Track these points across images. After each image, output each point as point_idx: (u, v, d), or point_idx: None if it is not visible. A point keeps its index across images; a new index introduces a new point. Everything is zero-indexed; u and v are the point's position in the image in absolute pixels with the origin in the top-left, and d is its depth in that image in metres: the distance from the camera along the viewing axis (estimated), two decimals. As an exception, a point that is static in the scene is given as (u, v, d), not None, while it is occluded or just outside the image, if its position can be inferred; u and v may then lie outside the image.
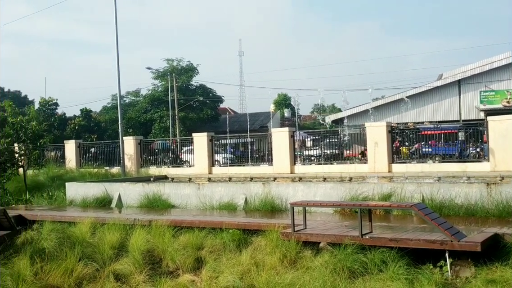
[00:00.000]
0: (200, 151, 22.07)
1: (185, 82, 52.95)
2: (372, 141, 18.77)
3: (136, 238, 10.48)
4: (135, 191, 15.33)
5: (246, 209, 13.20)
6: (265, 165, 21.29)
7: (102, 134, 47.29)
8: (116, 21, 23.94)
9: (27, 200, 18.08)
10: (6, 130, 19.95)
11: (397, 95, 36.66)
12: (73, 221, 12.56)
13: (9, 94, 58.15)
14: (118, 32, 23.99)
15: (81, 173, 22.56)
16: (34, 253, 9.56)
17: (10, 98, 49.24)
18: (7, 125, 20.15)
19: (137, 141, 24.46)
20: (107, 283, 8.24)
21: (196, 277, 8.74)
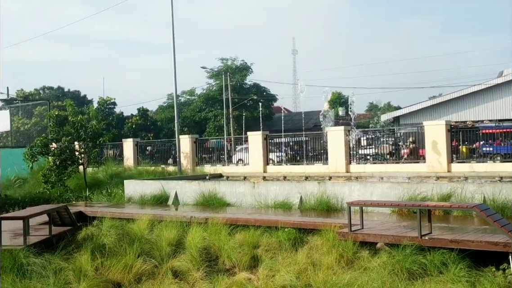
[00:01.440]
0: (255, 149, 22.12)
1: (239, 81, 53.24)
2: (431, 140, 18.36)
3: (193, 236, 10.59)
4: (191, 189, 15.51)
5: (301, 208, 13.15)
6: (319, 164, 21.14)
7: (158, 133, 48.07)
8: (173, 22, 24.26)
9: (87, 197, 18.54)
10: (66, 128, 20.47)
11: (456, 93, 35.71)
12: (132, 218, 12.83)
13: (69, 94, 59.94)
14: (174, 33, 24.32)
15: (138, 171, 22.99)
16: (94, 249, 9.79)
17: (70, 97, 50.84)
18: (68, 124, 20.68)
19: (193, 140, 24.73)
20: (165, 280, 8.35)
21: (253, 275, 8.75)
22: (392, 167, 19.09)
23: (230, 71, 52.32)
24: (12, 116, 34.57)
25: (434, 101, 36.29)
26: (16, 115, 41.87)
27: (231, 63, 54.16)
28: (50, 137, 20.77)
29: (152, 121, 50.07)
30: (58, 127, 20.57)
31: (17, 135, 39.64)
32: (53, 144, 20.65)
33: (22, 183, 22.82)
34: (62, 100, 49.89)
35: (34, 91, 58.92)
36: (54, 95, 58.20)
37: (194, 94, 57.73)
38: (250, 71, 54.82)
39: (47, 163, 20.66)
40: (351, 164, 19.74)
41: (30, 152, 20.01)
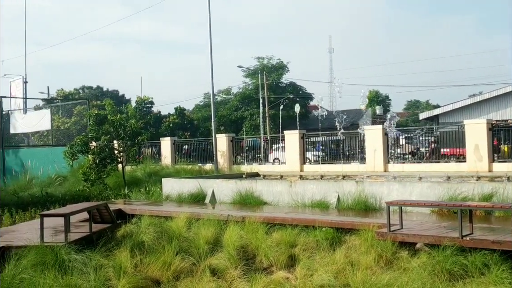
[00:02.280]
0: (292, 148, 22.07)
1: (275, 80, 53.25)
2: (472, 139, 18.01)
3: (230, 234, 10.62)
4: (228, 188, 15.56)
5: (338, 208, 13.05)
6: (356, 163, 20.96)
7: (195, 132, 48.45)
8: (210, 21, 24.38)
9: (126, 195, 18.79)
10: (105, 127, 20.77)
11: (496, 91, 34.92)
12: (170, 216, 12.94)
13: (108, 93, 60.91)
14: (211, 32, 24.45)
15: (176, 169, 23.19)
16: (134, 246, 9.91)
17: (108, 97, 51.61)
18: (107, 122, 20.97)
19: (230, 138, 24.83)
20: (203, 277, 8.39)
21: (290, 275, 8.73)
22: (432, 166, 18.81)
23: (266, 70, 52.37)
24: (52, 115, 35.25)
25: (474, 99, 35.59)
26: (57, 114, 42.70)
27: (267, 62, 54.23)
28: (90, 135, 21.09)
29: (188, 120, 50.48)
30: (97, 126, 20.87)
31: (57, 133, 40.44)
32: (93, 143, 20.97)
33: (63, 181, 23.25)
34: (101, 100, 50.71)
35: (74, 90, 60.10)
36: (93, 94, 59.23)
37: (230, 93, 58.01)
38: (286, 70, 54.81)
39: (87, 161, 21.00)
40: (389, 163, 19.51)
41: (71, 150, 20.35)
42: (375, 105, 66.67)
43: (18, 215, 15.43)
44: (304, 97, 55.35)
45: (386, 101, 70.73)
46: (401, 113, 78.83)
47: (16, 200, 17.64)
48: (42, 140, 42.61)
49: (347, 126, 42.27)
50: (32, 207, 16.53)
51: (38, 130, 35.93)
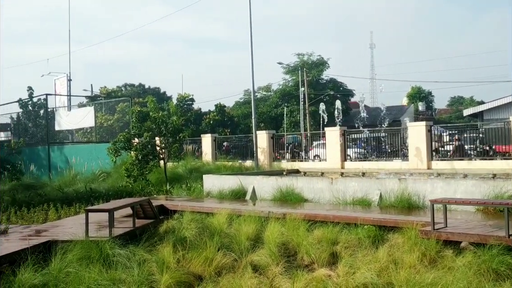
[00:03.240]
0: (332, 145, 21.92)
1: (315, 76, 52.99)
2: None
3: (271, 231, 10.61)
4: (268, 184, 15.56)
5: (380, 205, 12.91)
6: (398, 160, 20.67)
7: (235, 129, 48.62)
8: (251, 18, 24.39)
9: (167, 191, 18.98)
10: (147, 124, 20.98)
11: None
12: (211, 212, 13.02)
13: (149, 91, 61.61)
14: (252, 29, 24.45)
15: (216, 166, 23.32)
16: (176, 242, 9.99)
17: (150, 94, 52.23)
18: (149, 119, 21.20)
19: (270, 135, 24.82)
20: (245, 274, 8.41)
21: (332, 272, 8.66)
22: (478, 164, 18.39)
23: (306, 66, 52.14)
24: (96, 112, 35.91)
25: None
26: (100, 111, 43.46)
27: (307, 58, 53.99)
28: (133, 132, 21.38)
29: (229, 117, 50.69)
30: (140, 123, 21.13)
31: (100, 130, 41.14)
32: (136, 139, 21.25)
33: (106, 176, 23.66)
34: (143, 97, 51.37)
35: (117, 88, 61.05)
36: (135, 92, 60.03)
37: (270, 90, 57.99)
38: (327, 66, 54.46)
39: (130, 157, 21.29)
40: (433, 161, 19.17)
41: (114, 147, 20.67)
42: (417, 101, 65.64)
43: (63, 210, 15.76)
44: (345, 94, 54.91)
45: (429, 97, 69.61)
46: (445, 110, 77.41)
47: (61, 196, 18.04)
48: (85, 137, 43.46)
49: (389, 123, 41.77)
50: (76, 203, 16.88)
51: (82, 127, 36.64)
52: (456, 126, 25.07)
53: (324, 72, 54.57)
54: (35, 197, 17.97)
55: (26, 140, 31.97)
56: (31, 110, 39.23)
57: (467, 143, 20.79)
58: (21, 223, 14.06)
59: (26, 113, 38.91)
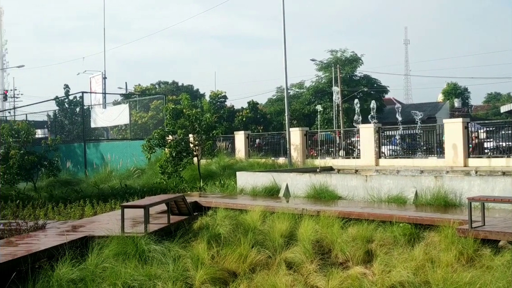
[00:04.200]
0: (366, 142, 21.71)
1: (349, 73, 52.56)
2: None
3: (305, 228, 10.57)
4: (302, 182, 15.50)
5: (416, 203, 12.73)
6: (433, 158, 20.36)
7: (268, 126, 48.58)
8: (284, 15, 24.33)
9: (201, 187, 19.08)
10: (181, 121, 21.14)
11: None
12: (245, 209, 13.04)
13: (182, 88, 62.04)
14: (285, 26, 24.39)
15: (249, 163, 23.35)
16: (210, 238, 10.03)
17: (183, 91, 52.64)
18: (183, 117, 21.35)
19: (303, 132, 24.73)
20: (280, 271, 8.40)
21: (367, 270, 8.58)
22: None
23: (340, 63, 51.74)
24: (130, 109, 36.34)
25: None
26: (134, 109, 43.95)
27: (340, 54, 53.58)
28: (167, 129, 21.57)
29: (261, 114, 50.67)
30: (174, 120, 21.30)
31: (134, 128, 41.63)
32: (170, 137, 21.44)
33: (140, 173, 23.93)
34: (176, 94, 51.76)
35: (150, 86, 61.64)
36: (169, 89, 60.52)
37: (303, 87, 57.74)
38: (360, 63, 53.93)
39: (164, 154, 21.49)
40: (470, 158, 18.83)
41: (148, 144, 20.90)
42: (453, 98, 64.57)
43: (99, 206, 16.00)
44: (379, 90, 54.33)
45: (465, 94, 68.40)
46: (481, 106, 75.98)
47: (97, 192, 18.32)
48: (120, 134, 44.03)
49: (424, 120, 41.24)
50: (112, 199, 17.12)
51: (117, 124, 37.13)
52: (493, 123, 24.56)
53: (358, 69, 54.09)
54: (72, 193, 18.30)
55: (63, 137, 32.56)
56: (67, 108, 39.95)
57: (505, 141, 20.33)
58: (58, 218, 14.32)
59: (63, 110, 39.64)
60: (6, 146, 22.53)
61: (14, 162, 21.07)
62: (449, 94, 66.07)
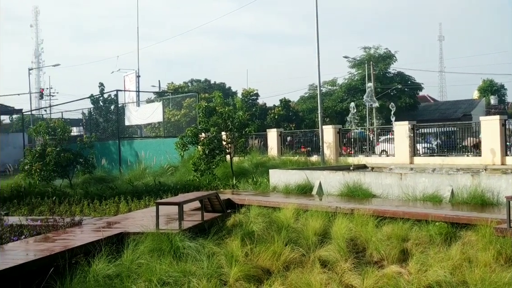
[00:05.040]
0: (401, 140, 21.46)
1: (382, 70, 52.05)
2: None
3: (339, 226, 10.50)
4: (335, 179, 15.40)
5: (452, 202, 12.53)
6: (469, 156, 20.00)
7: (300, 123, 48.50)
8: (317, 13, 24.18)
9: (234, 185, 19.12)
10: (214, 119, 21.20)
11: None
12: (278, 207, 13.03)
13: (215, 86, 62.35)
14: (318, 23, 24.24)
15: (282, 161, 23.32)
16: (244, 235, 10.04)
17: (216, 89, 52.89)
18: (215, 114, 21.42)
19: (336, 130, 24.58)
20: (314, 269, 8.36)
21: (403, 269, 8.47)
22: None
23: (373, 60, 51.29)
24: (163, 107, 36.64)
25: None
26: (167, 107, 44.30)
27: (373, 51, 53.10)
28: (200, 127, 21.66)
29: (293, 112, 50.60)
30: (206, 118, 21.39)
31: (167, 125, 41.96)
32: (202, 134, 21.54)
33: (174, 171, 24.10)
34: (209, 92, 52.01)
35: (183, 83, 62.10)
36: (201, 87, 60.86)
37: (335, 84, 57.41)
38: (394, 60, 53.38)
39: (197, 152, 21.60)
40: (507, 156, 18.43)
41: (182, 141, 21.02)
42: (489, 95, 63.35)
43: (133, 203, 16.18)
44: (413, 87, 53.67)
45: (501, 91, 67.05)
46: (518, 103, 74.32)
47: (132, 189, 18.52)
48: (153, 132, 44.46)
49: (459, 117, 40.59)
50: (146, 196, 17.30)
51: (151, 122, 37.49)
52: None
53: (391, 66, 53.55)
54: (107, 190, 18.54)
55: (97, 135, 33.04)
56: (102, 106, 40.51)
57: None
58: (93, 215, 14.53)
59: (97, 108, 40.21)
60: (42, 144, 22.94)
61: (51, 159, 21.44)
62: (485, 91, 64.87)
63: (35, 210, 15.89)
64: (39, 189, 18.87)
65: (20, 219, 12.15)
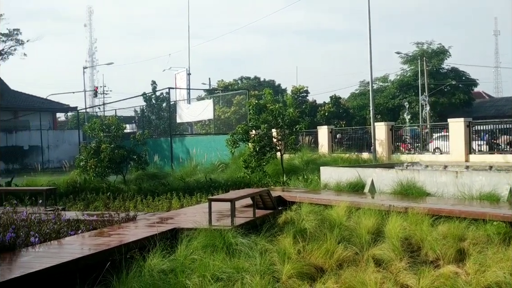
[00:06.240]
0: (456, 137, 20.96)
1: (435, 65, 50.97)
2: None
3: (393, 225, 10.33)
4: (388, 177, 15.17)
5: (510, 201, 12.14)
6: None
7: (350, 120, 48.02)
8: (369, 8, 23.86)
9: (284, 182, 19.09)
10: (264, 116, 21.19)
11: None
12: (329, 204, 12.92)
13: (264, 83, 62.45)
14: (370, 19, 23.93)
15: (333, 158, 23.14)
16: (296, 233, 10.00)
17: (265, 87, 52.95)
18: (265, 111, 21.42)
19: (389, 127, 24.23)
20: (368, 268, 8.24)
21: (460, 269, 8.26)
22: None
23: (426, 55, 50.28)
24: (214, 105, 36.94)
25: None
26: (217, 104, 44.62)
27: (427, 47, 52.08)
28: (250, 124, 21.71)
29: (344, 109, 50.14)
30: (257, 115, 21.41)
31: (217, 122, 42.28)
32: (253, 131, 21.58)
33: (224, 167, 24.24)
34: (258, 89, 52.11)
35: (233, 81, 62.43)
36: (251, 84, 61.04)
37: (387, 81, 56.57)
38: (448, 55, 52.18)
39: (248, 149, 21.67)
40: None
41: (232, 138, 21.13)
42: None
43: (185, 199, 16.35)
44: (467, 83, 52.32)
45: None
46: None
47: (183, 185, 18.73)
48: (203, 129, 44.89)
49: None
50: (197, 192, 17.47)
51: (202, 119, 37.87)
52: None
53: (445, 61, 52.37)
54: (159, 186, 18.81)
55: (150, 132, 33.59)
56: (154, 104, 41.17)
57: None
58: (147, 210, 14.76)
59: (150, 106, 40.89)
60: (97, 141, 23.43)
61: (105, 156, 21.87)
62: (544, 87, 62.67)
63: (90, 205, 16.27)
64: (94, 185, 19.28)
65: (76, 214, 12.43)
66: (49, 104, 52.11)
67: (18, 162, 42.67)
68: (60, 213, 11.72)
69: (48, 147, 44.92)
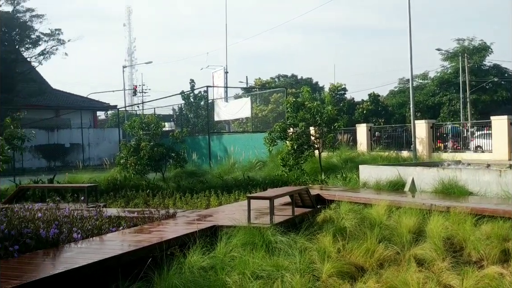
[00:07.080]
0: (499, 135, 20.48)
1: (477, 62, 49.97)
2: None
3: (435, 224, 10.15)
4: (429, 176, 14.93)
5: (556, 200, 11.81)
6: None
7: (389, 118, 47.51)
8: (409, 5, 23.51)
9: (322, 180, 18.98)
10: (302, 114, 21.12)
11: None
12: (369, 203, 12.78)
13: (302, 81, 62.31)
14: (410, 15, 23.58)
15: (372, 156, 22.90)
16: (335, 231, 9.91)
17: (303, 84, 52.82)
18: (303, 109, 21.34)
19: (429, 125, 23.85)
20: (410, 267, 8.11)
21: (505, 270, 8.05)
22: None
23: (467, 52, 49.33)
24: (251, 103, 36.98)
25: None
26: (255, 102, 44.68)
27: (468, 43, 51.12)
28: (288, 122, 21.67)
29: (382, 107, 49.63)
30: (295, 113, 21.36)
31: (255, 120, 42.34)
32: (291, 129, 21.54)
33: (262, 165, 24.28)
34: (296, 87, 52.00)
35: (270, 79, 62.47)
36: (288, 82, 60.99)
37: (427, 78, 55.75)
38: (490, 51, 51.09)
39: (285, 147, 21.64)
40: None
41: (270, 136, 21.14)
42: None
43: (223, 197, 16.44)
44: (510, 80, 51.14)
45: None
46: None
47: (221, 183, 18.84)
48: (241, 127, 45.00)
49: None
50: (235, 190, 17.54)
51: (239, 117, 37.98)
52: None
53: (487, 58, 51.32)
54: (198, 184, 18.96)
55: (188, 130, 33.87)
56: (192, 102, 41.49)
57: None
58: (185, 208, 14.87)
59: (188, 104, 41.22)
60: (137, 139, 23.76)
61: (145, 154, 22.16)
62: None
63: (130, 202, 16.51)
64: (134, 182, 19.57)
65: (117, 210, 12.61)
66: (89, 102, 53.09)
67: (60, 160, 43.66)
68: (102, 210, 11.90)
69: (88, 145, 45.81)
